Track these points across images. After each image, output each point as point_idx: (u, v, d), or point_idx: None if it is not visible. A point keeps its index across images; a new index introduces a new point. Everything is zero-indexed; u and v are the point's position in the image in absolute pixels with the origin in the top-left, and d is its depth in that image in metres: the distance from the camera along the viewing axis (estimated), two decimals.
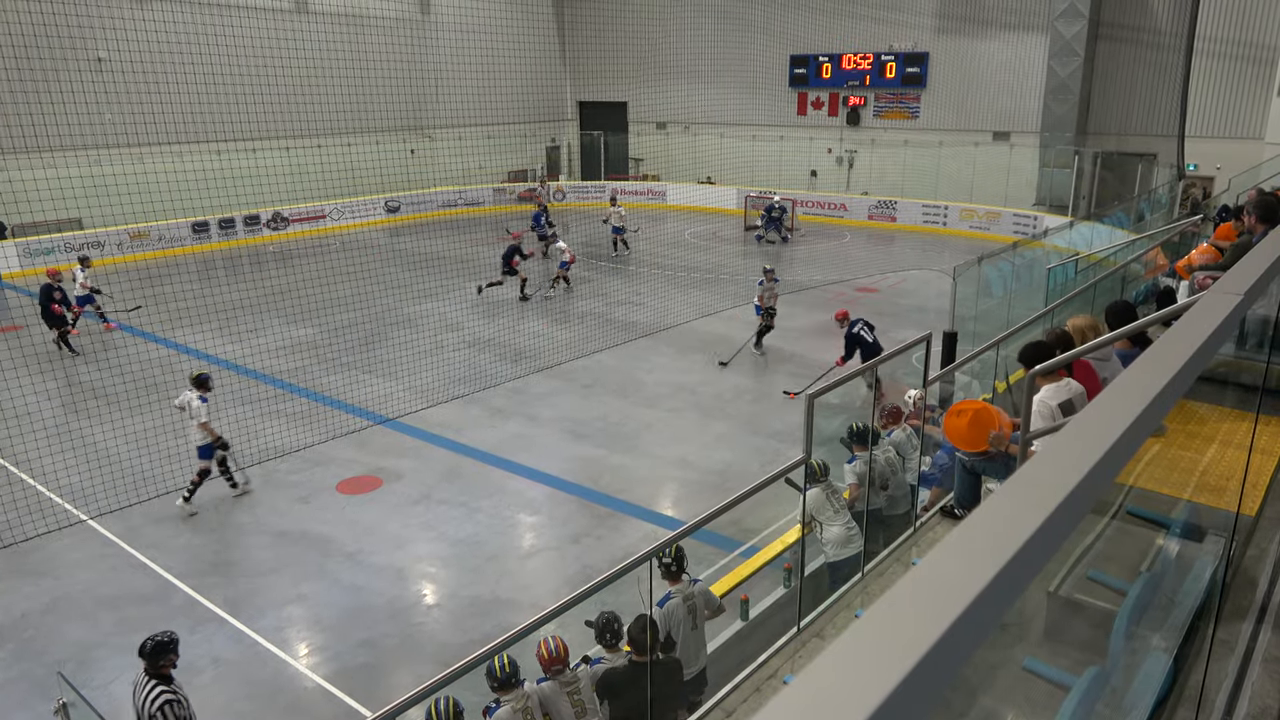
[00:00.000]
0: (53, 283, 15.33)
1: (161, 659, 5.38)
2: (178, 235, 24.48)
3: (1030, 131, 26.94)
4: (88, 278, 16.75)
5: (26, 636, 7.83)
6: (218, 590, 8.50)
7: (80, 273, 16.71)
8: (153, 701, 5.21)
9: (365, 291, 19.57)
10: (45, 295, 15.32)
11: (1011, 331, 8.77)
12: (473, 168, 30.45)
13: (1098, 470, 0.81)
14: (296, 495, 10.45)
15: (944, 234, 27.53)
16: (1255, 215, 6.44)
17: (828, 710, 0.51)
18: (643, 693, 5.51)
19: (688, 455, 11.52)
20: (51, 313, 15.38)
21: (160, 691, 5.26)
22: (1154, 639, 3.07)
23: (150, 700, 5.22)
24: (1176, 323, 1.28)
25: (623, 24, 32.06)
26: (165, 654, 5.40)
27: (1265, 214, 6.25)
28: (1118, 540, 3.59)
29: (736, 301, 19.15)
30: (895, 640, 0.56)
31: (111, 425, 12.03)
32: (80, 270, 16.74)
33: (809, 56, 30.81)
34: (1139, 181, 24.09)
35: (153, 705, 5.20)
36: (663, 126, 34.52)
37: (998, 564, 0.64)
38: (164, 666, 5.39)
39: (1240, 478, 2.73)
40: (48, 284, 15.34)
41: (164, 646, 5.40)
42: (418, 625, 8.09)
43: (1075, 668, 3.00)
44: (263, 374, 14.46)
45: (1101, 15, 25.45)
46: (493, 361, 15.22)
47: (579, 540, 9.48)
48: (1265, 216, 6.23)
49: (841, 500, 7.11)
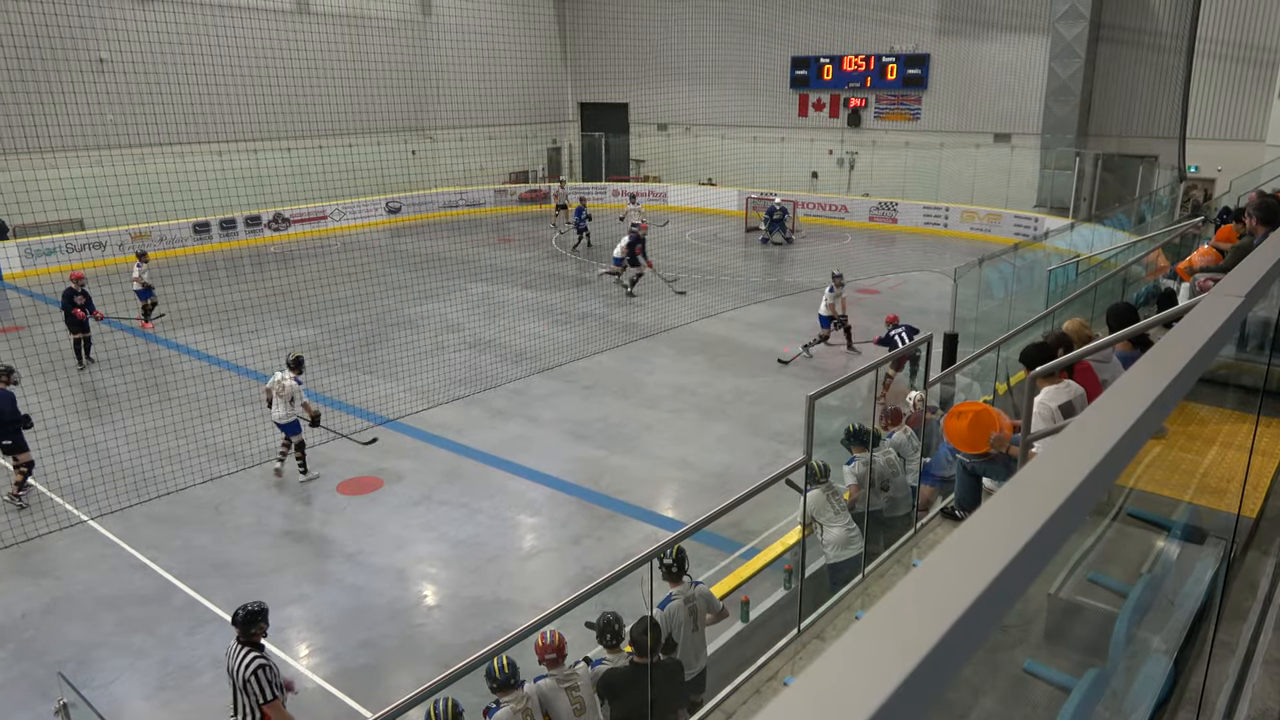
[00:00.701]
0: (75, 287, 14.78)
1: (253, 627, 5.70)
2: (179, 236, 24.50)
3: (1031, 133, 26.94)
4: (143, 273, 16.94)
5: (27, 636, 7.83)
6: (218, 591, 8.49)
7: (137, 267, 16.96)
8: (246, 666, 5.58)
9: (366, 292, 19.58)
10: (68, 300, 14.78)
11: (1012, 333, 8.78)
12: (474, 169, 30.47)
13: (1098, 472, 0.81)
14: (297, 496, 10.45)
15: (945, 236, 27.53)
16: (1256, 217, 6.44)
17: (828, 712, 0.51)
18: (643, 694, 5.51)
19: (688, 456, 11.52)
20: (74, 317, 14.83)
21: (254, 657, 5.62)
22: (1154, 641, 3.07)
23: (245, 665, 5.59)
24: (1177, 325, 1.28)
25: (624, 25, 32.07)
26: (256, 623, 5.72)
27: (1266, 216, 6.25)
28: (1118, 542, 3.59)
29: (737, 303, 19.16)
30: (896, 642, 0.56)
31: (112, 426, 12.04)
32: (138, 265, 16.99)
33: (810, 58, 30.82)
34: (1140, 183, 24.09)
35: (246, 670, 5.57)
36: (664, 128, 34.54)
37: (998, 566, 0.64)
38: (255, 634, 5.72)
39: (1241, 480, 2.73)
40: (70, 288, 14.79)
41: (255, 615, 5.72)
42: (418, 626, 8.09)
43: (1076, 669, 3.00)
44: (264, 375, 14.42)
45: (1103, 17, 25.45)
46: (493, 362, 15.23)
47: (579, 541, 9.48)
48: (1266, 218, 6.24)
49: (842, 502, 7.11)
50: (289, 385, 10.58)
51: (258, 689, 5.57)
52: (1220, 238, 8.83)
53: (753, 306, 19.00)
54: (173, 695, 7.13)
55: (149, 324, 17.10)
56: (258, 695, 5.57)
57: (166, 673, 7.37)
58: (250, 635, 5.68)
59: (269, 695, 5.59)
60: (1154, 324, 4.72)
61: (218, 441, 11.79)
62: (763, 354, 15.71)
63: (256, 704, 5.59)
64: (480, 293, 19.81)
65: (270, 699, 5.59)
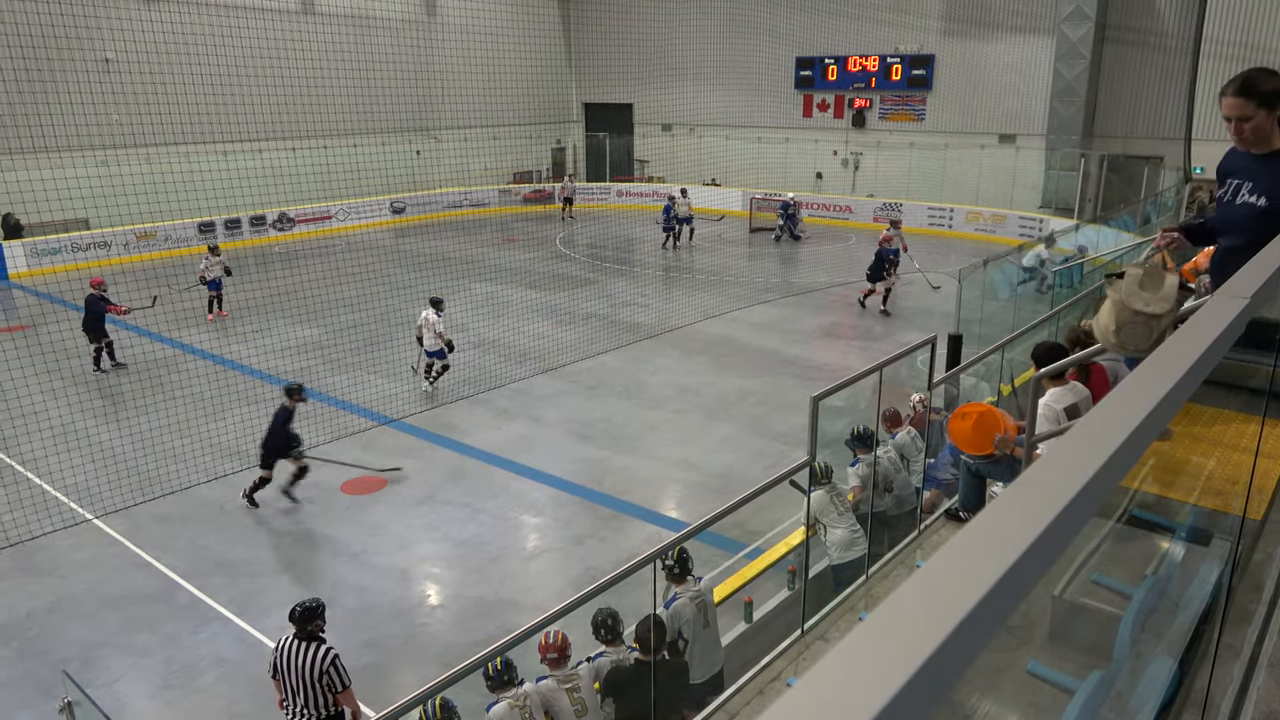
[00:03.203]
0: (98, 293, 14.43)
1: (310, 623, 5.84)
2: (184, 235, 24.55)
3: (1036, 134, 26.89)
4: (211, 266, 17.55)
5: (31, 635, 7.85)
6: (222, 590, 8.51)
7: (205, 260, 17.68)
8: (324, 659, 5.75)
9: (370, 292, 19.60)
10: (94, 306, 14.38)
11: (1017, 334, 8.77)
12: (478, 169, 30.50)
13: (1103, 474, 0.80)
14: (301, 495, 10.46)
15: (949, 236, 27.49)
16: None
17: (832, 713, 0.51)
18: (648, 692, 5.51)
19: (691, 457, 11.51)
20: (96, 325, 14.51)
21: (329, 649, 5.80)
22: (1159, 643, 3.06)
23: (322, 658, 5.75)
24: (1182, 326, 1.28)
25: (628, 26, 32.07)
26: (314, 618, 5.86)
27: None
28: (1123, 544, 3.58)
29: (741, 303, 19.15)
30: (899, 643, 0.56)
31: (117, 425, 12.07)
32: (206, 258, 17.70)
33: (814, 59, 30.79)
34: (1145, 184, 24.04)
35: (324, 662, 5.75)
36: (668, 128, 34.53)
37: (1002, 567, 0.64)
38: (313, 629, 5.84)
39: (1246, 482, 2.72)
40: (94, 294, 14.43)
41: (312, 611, 5.87)
42: (421, 626, 8.10)
43: (1080, 671, 2.99)
44: (268, 374, 14.48)
45: (1108, 18, 25.39)
46: (497, 363, 15.23)
47: (582, 541, 9.48)
48: None
49: (846, 503, 7.11)
50: (432, 319, 13.01)
51: (337, 678, 5.78)
52: None
53: (757, 307, 18.98)
54: (176, 694, 7.15)
55: (211, 315, 17.80)
56: (336, 685, 5.78)
57: (170, 672, 7.39)
58: (308, 631, 5.82)
59: (347, 682, 5.84)
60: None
61: (222, 440, 11.82)
62: (766, 354, 15.70)
63: (333, 693, 5.80)
64: (484, 293, 19.83)
65: (347, 686, 5.84)
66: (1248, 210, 3.29)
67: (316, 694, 5.77)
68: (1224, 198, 3.46)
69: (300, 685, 5.78)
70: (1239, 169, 3.40)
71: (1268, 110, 3.16)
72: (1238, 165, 3.42)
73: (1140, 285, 2.96)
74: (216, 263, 17.70)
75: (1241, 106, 3.17)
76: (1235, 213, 3.36)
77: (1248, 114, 3.17)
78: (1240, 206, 3.33)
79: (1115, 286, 3.03)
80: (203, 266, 17.71)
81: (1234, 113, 3.20)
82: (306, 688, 5.77)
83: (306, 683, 5.76)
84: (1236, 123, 3.22)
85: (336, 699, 5.86)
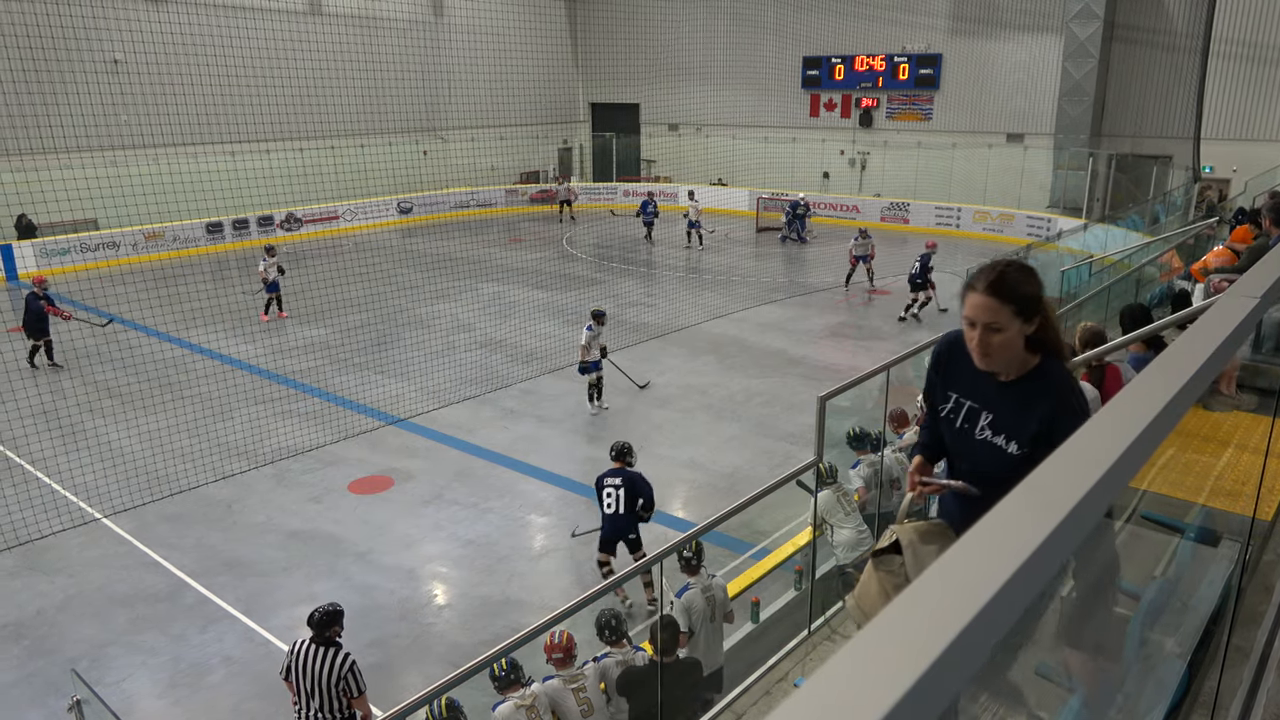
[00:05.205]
0: (38, 292, 14.51)
1: (329, 628, 5.85)
2: (192, 236, 24.65)
3: (1044, 133, 26.80)
4: (270, 267, 17.59)
5: (40, 633, 7.89)
6: (229, 589, 8.54)
7: (264, 261, 17.70)
8: (342, 664, 5.77)
9: (378, 292, 19.65)
10: (33, 304, 14.45)
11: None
12: (485, 169, 30.54)
13: (1112, 474, 0.80)
14: (308, 495, 10.49)
15: (957, 236, 27.42)
16: (1270, 219, 6.39)
17: (839, 714, 0.51)
18: (665, 690, 5.52)
19: (698, 457, 11.51)
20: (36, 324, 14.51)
21: (346, 654, 5.82)
22: (1168, 644, 3.05)
23: (340, 663, 5.77)
24: (1192, 326, 1.27)
25: (635, 26, 32.09)
26: (333, 623, 5.88)
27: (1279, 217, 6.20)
28: (1132, 545, 3.57)
29: (748, 303, 19.14)
30: (907, 644, 0.56)
31: (126, 424, 12.11)
32: (264, 259, 17.71)
33: (822, 58, 30.76)
34: (1154, 184, 23.95)
35: (342, 667, 5.76)
36: (675, 128, 34.52)
37: (1010, 568, 0.63)
38: (331, 634, 5.86)
39: (1256, 482, 2.71)
40: (34, 293, 14.50)
41: (332, 616, 5.88)
42: (428, 625, 8.11)
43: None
44: (276, 374, 14.53)
45: (1116, 17, 25.29)
46: (504, 362, 15.25)
47: (589, 542, 9.47)
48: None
49: (852, 503, 7.09)
50: (584, 333, 12.84)
51: (354, 683, 5.80)
52: (1235, 239, 8.77)
53: (764, 307, 18.97)
54: (184, 693, 7.17)
55: (266, 316, 17.80)
56: (353, 690, 5.80)
57: (178, 670, 7.41)
58: (326, 636, 5.83)
59: (363, 687, 5.86)
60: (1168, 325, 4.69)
61: (230, 440, 11.86)
62: (773, 354, 15.69)
63: (349, 698, 5.81)
64: (491, 293, 19.86)
65: (362, 691, 5.86)
66: (995, 453, 2.54)
67: (332, 698, 5.77)
68: (949, 416, 2.67)
69: (316, 689, 5.77)
70: (973, 388, 2.60)
71: (1023, 320, 2.38)
72: (969, 382, 2.60)
73: (924, 542, 2.53)
74: (273, 263, 17.66)
75: (994, 311, 2.37)
76: (977, 449, 2.60)
77: (998, 323, 2.38)
78: (982, 444, 2.57)
79: (890, 565, 2.56)
80: (262, 268, 17.70)
81: (981, 317, 2.39)
82: (322, 692, 5.76)
83: (323, 687, 5.75)
84: (982, 331, 2.40)
85: (351, 703, 5.86)
